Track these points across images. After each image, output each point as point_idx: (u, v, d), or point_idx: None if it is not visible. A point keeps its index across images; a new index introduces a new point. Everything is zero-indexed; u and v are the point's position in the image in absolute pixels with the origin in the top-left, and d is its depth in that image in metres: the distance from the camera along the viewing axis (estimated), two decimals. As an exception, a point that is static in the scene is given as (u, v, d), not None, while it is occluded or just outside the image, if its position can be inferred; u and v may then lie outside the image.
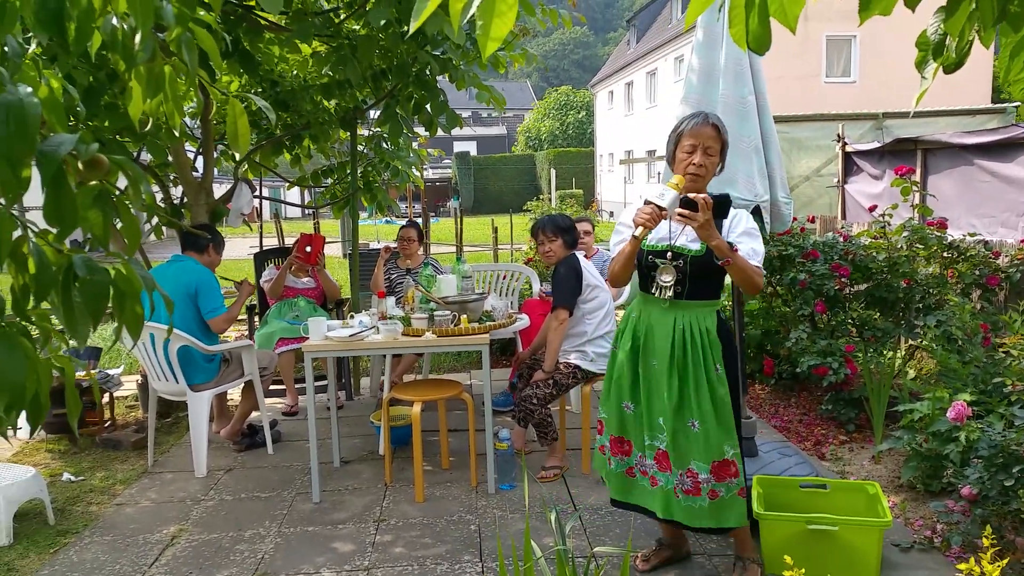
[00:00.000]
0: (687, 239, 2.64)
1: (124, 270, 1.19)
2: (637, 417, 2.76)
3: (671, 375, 2.65)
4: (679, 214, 2.42)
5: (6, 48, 1.27)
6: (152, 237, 5.35)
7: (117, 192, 1.07)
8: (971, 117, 7.92)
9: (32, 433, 1.99)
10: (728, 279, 2.72)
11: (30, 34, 1.31)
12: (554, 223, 3.98)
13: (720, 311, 2.76)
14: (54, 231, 1.13)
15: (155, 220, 5.14)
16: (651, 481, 2.76)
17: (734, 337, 2.81)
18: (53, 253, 1.14)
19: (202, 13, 1.41)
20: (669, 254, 2.63)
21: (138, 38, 1.13)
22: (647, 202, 2.46)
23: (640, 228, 2.47)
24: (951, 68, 1.49)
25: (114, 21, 1.21)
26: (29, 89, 0.95)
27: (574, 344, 3.93)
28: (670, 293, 2.63)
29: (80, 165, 1.01)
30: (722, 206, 2.54)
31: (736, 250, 2.54)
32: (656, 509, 2.75)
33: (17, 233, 1.13)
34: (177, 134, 4.39)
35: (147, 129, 4.32)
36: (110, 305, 1.21)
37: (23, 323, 1.18)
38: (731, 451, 2.65)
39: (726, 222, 2.65)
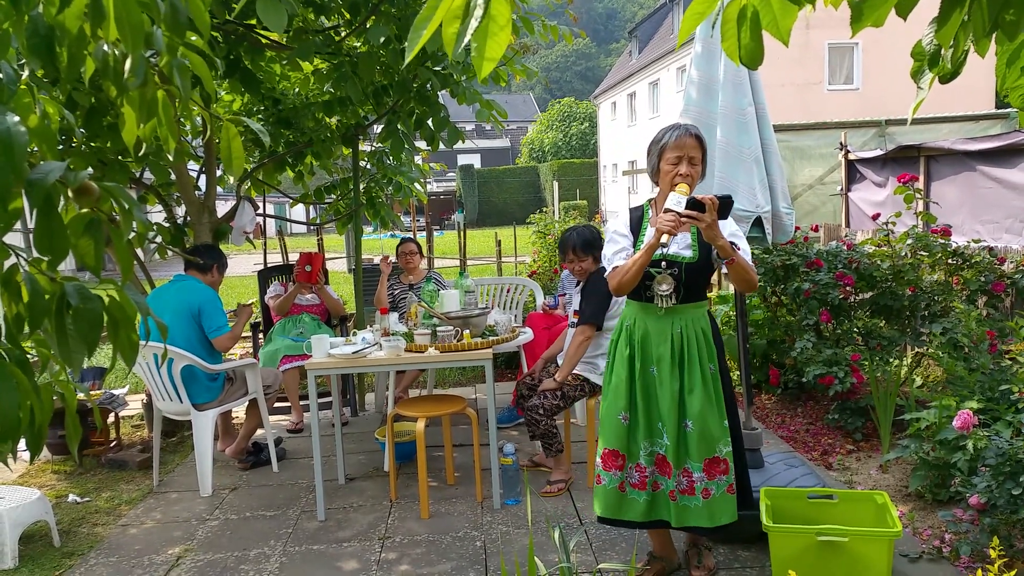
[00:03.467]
0: (679, 247, 2.71)
1: (118, 296, 1.19)
2: (633, 427, 2.80)
3: (672, 379, 2.71)
4: (687, 215, 2.48)
5: (0, 75, 1.28)
6: (156, 256, 5.36)
7: (110, 219, 1.07)
8: (974, 123, 7.89)
9: (32, 460, 1.99)
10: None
11: (23, 60, 1.32)
12: (584, 240, 3.86)
13: (709, 311, 2.84)
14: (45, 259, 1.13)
15: (158, 239, 5.17)
16: (653, 486, 2.80)
17: (721, 338, 2.89)
18: (46, 281, 1.14)
19: (194, 38, 1.42)
20: (664, 263, 2.69)
21: (128, 64, 1.13)
22: (667, 210, 2.50)
23: (666, 236, 2.50)
24: (947, 78, 1.49)
25: (105, 47, 1.21)
26: (16, 118, 0.96)
27: (586, 356, 3.90)
28: (671, 302, 2.69)
29: (70, 193, 1.01)
30: (725, 207, 2.61)
31: (738, 249, 2.63)
32: (672, 519, 2.79)
33: (10, 262, 1.13)
34: (172, 157, 4.40)
35: (149, 149, 4.35)
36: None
37: (20, 351, 1.18)
38: (724, 449, 2.73)
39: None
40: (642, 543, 3.21)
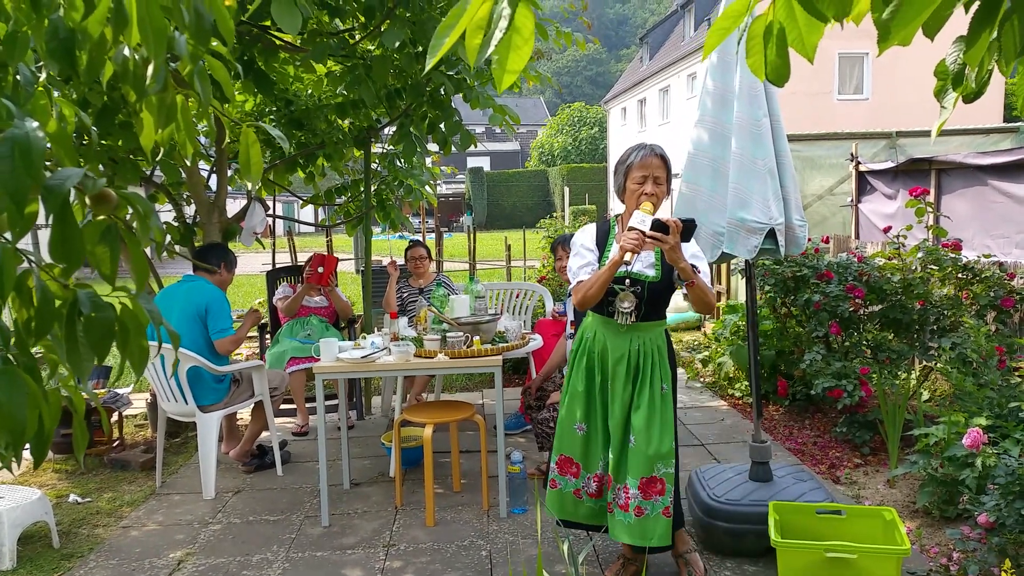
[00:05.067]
0: (643, 266, 2.77)
1: (130, 304, 1.18)
2: (588, 438, 2.86)
3: (624, 394, 2.77)
4: (650, 236, 2.54)
5: (18, 76, 1.27)
6: (165, 255, 5.36)
7: (126, 226, 1.06)
8: (984, 136, 7.84)
9: (36, 466, 1.96)
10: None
11: (41, 62, 1.31)
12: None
13: (666, 330, 2.90)
14: (59, 265, 1.12)
15: (167, 239, 5.17)
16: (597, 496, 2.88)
17: (675, 359, 2.95)
18: (58, 288, 1.13)
19: (215, 43, 1.41)
20: (627, 281, 2.74)
21: (150, 70, 1.13)
22: (630, 228, 2.56)
23: (629, 254, 2.55)
24: (970, 98, 1.47)
25: (126, 51, 1.20)
26: (35, 124, 0.95)
27: None
28: (632, 319, 2.74)
29: (87, 200, 1.00)
30: (688, 230, 2.65)
31: (699, 272, 2.70)
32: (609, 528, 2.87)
33: (22, 267, 1.12)
34: (189, 162, 4.41)
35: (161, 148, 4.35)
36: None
37: (30, 357, 1.17)
38: (663, 469, 2.74)
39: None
40: (648, 557, 3.18)
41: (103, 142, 4.18)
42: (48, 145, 0.94)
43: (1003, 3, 1.11)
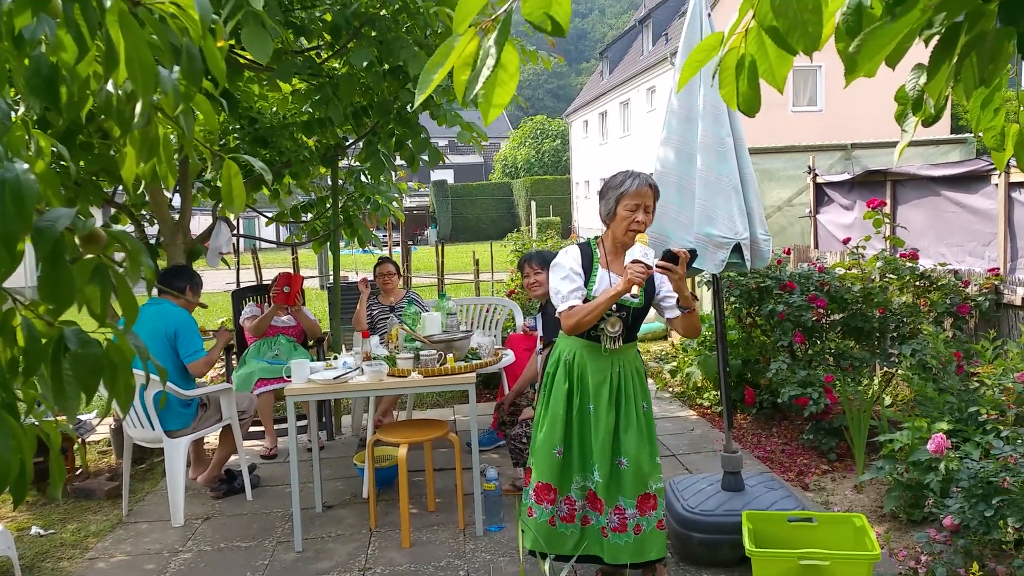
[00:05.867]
0: (628, 294, 2.76)
1: (117, 340, 1.17)
2: (567, 462, 2.87)
3: (608, 416, 2.81)
4: (660, 267, 2.62)
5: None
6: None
7: (114, 263, 1.05)
8: (935, 147, 8.13)
9: (16, 506, 1.89)
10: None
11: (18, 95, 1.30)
12: (541, 256, 4.06)
13: (638, 351, 3.01)
14: (43, 304, 1.11)
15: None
16: (583, 520, 2.89)
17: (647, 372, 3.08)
18: (43, 326, 1.12)
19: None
20: (614, 307, 2.77)
21: (138, 108, 1.13)
22: (635, 261, 2.59)
23: (636, 287, 2.59)
24: (929, 122, 1.54)
25: (110, 87, 1.20)
26: (26, 166, 0.94)
27: None
28: (618, 343, 2.80)
29: (77, 240, 1.00)
30: (691, 260, 2.80)
31: (697, 299, 2.74)
32: (604, 556, 2.87)
33: (7, 306, 1.11)
34: (169, 192, 4.37)
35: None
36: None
37: (11, 396, 1.15)
38: (655, 485, 2.84)
39: (658, 277, 2.83)
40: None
41: (62, 163, 4.11)
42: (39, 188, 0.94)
43: (960, 38, 1.17)
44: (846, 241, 5.30)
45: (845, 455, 4.51)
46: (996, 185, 5.08)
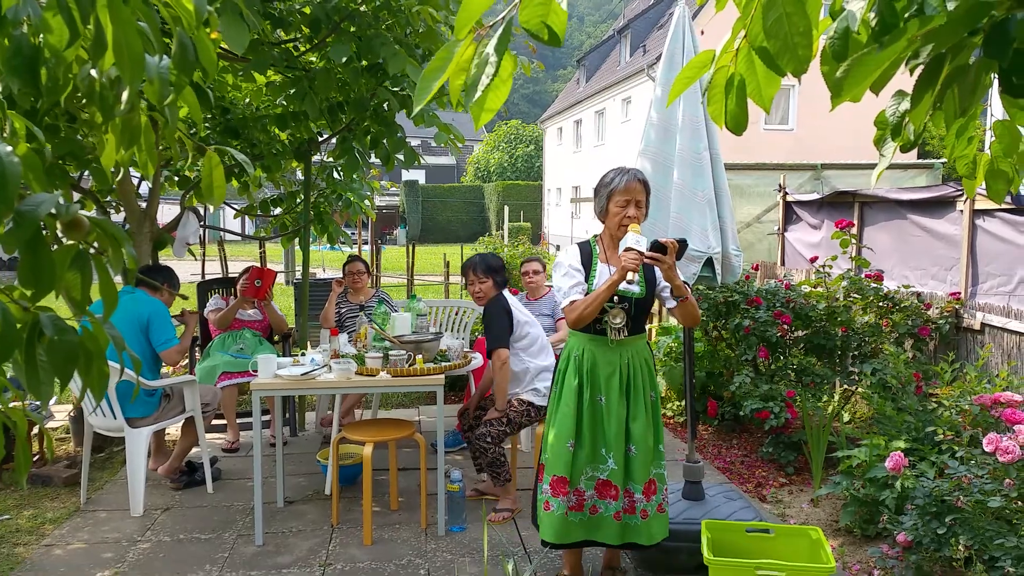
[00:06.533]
0: (624, 282, 2.82)
1: (93, 327, 1.15)
2: (579, 454, 2.92)
3: (619, 407, 2.87)
4: (649, 256, 2.66)
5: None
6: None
7: (94, 251, 1.04)
8: (903, 171, 8.32)
9: None
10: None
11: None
12: (486, 263, 3.95)
13: (648, 341, 3.06)
14: (18, 287, 1.09)
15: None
16: (591, 510, 2.92)
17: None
18: (18, 310, 1.10)
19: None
20: (616, 298, 2.84)
21: (125, 95, 1.11)
22: (628, 248, 2.65)
23: (631, 273, 2.64)
24: (907, 147, 1.59)
25: (92, 72, 1.18)
26: (9, 148, 0.93)
27: (523, 384, 3.93)
28: (623, 334, 2.86)
29: (59, 225, 0.98)
30: (681, 250, 2.80)
31: (689, 288, 2.85)
32: (611, 540, 2.93)
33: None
34: (150, 182, 4.28)
35: (91, 155, 4.20)
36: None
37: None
38: (655, 470, 2.95)
39: (658, 270, 2.88)
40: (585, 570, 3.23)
41: (28, 145, 4.02)
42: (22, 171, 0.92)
43: (944, 69, 1.20)
44: (813, 259, 5.41)
45: (803, 469, 4.60)
46: (961, 211, 5.22)
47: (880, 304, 4.98)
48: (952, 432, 3.62)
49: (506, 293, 3.97)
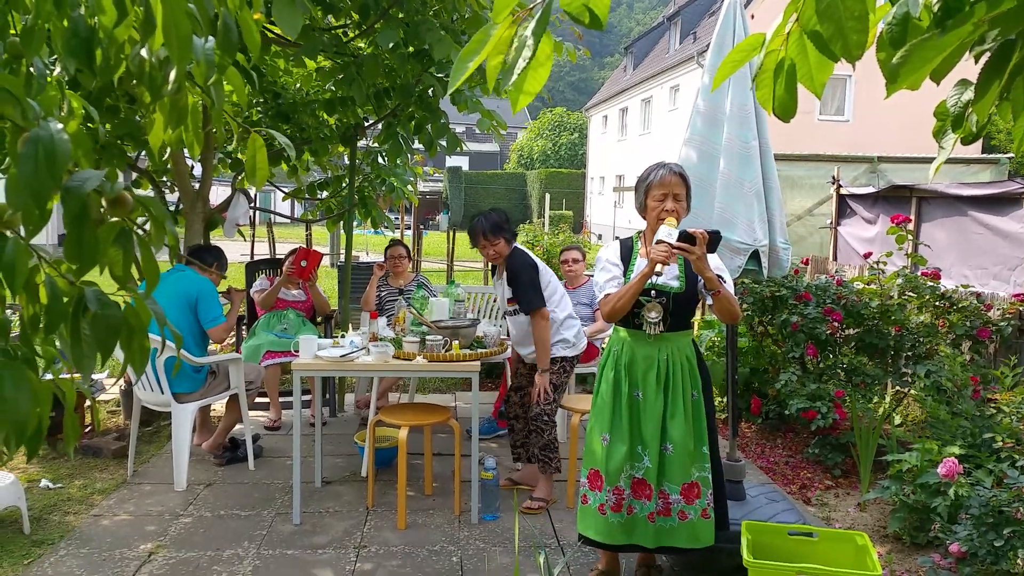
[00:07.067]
0: (667, 278, 2.82)
1: (135, 303, 1.17)
2: (613, 449, 2.88)
3: (656, 403, 2.82)
4: (678, 247, 2.62)
5: (31, 69, 1.26)
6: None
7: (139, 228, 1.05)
8: (965, 166, 8.03)
9: (30, 459, 1.91)
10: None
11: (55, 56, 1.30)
12: (491, 223, 3.82)
13: (695, 340, 2.97)
14: (66, 263, 1.11)
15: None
16: (628, 510, 2.87)
17: (706, 366, 3.01)
18: (65, 284, 1.12)
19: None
20: (653, 292, 2.81)
21: (172, 75, 1.12)
22: (659, 241, 2.63)
23: (660, 265, 2.62)
24: (969, 140, 1.51)
25: (143, 53, 1.19)
26: (60, 126, 0.94)
27: (552, 337, 3.89)
28: (659, 329, 2.80)
29: (104, 202, 0.99)
30: (713, 242, 2.73)
31: (724, 282, 2.76)
32: (646, 542, 2.87)
33: (32, 262, 1.11)
34: (198, 161, 4.38)
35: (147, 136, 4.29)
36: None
37: (31, 351, 1.16)
38: (697, 473, 2.85)
39: None
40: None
41: (90, 125, 4.13)
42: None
43: (1013, 57, 1.14)
44: (867, 255, 5.25)
45: (850, 472, 4.48)
46: (1026, 209, 5.02)
47: (936, 304, 4.81)
48: (1012, 440, 3.48)
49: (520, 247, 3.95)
